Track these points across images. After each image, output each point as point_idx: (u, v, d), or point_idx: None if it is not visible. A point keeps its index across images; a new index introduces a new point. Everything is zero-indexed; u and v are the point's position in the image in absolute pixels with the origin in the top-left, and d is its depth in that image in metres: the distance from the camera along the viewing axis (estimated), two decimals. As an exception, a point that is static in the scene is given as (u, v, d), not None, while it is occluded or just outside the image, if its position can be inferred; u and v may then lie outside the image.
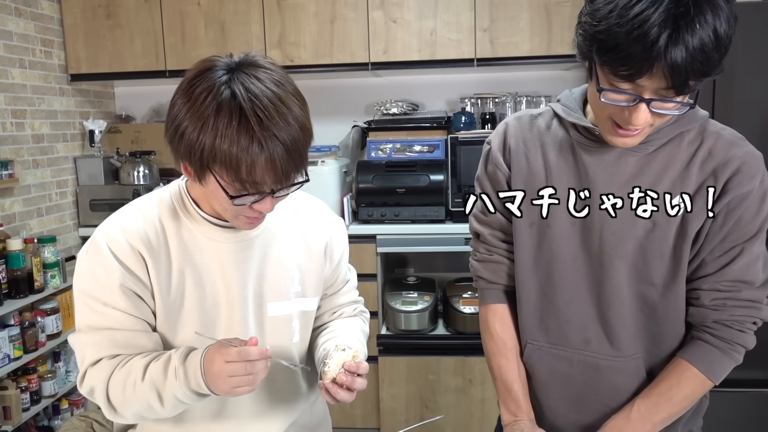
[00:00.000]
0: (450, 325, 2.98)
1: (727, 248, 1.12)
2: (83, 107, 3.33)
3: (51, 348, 2.80)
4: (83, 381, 1.18)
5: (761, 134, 2.43)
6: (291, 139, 1.03)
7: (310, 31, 3.04)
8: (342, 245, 1.39)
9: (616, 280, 1.16)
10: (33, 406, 2.71)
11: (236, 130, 0.99)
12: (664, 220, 1.12)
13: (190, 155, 1.04)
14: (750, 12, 2.46)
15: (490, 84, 3.33)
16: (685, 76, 0.93)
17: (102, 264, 1.14)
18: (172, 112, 1.06)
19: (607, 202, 1.14)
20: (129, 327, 1.16)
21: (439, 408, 2.94)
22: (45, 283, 2.78)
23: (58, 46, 3.16)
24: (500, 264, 1.28)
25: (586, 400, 1.23)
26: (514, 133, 1.25)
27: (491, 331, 1.30)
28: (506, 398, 1.27)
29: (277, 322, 1.27)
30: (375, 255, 2.96)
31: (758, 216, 1.11)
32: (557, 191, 1.18)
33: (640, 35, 0.91)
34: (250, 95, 1.01)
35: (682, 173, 1.12)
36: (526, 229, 1.22)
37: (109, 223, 1.19)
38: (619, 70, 0.96)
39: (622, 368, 1.20)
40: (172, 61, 3.14)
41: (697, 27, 0.91)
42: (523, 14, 2.93)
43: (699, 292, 1.15)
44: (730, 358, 1.15)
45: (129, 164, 3.23)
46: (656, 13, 0.90)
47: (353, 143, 3.34)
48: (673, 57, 0.91)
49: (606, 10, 0.95)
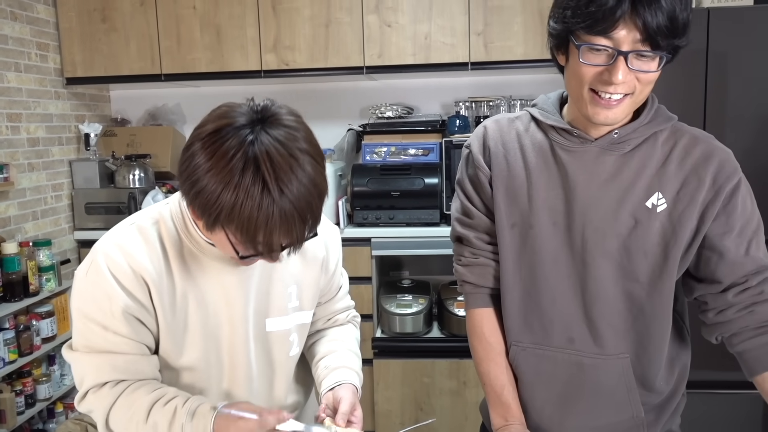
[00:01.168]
0: (444, 328, 2.99)
1: (748, 240, 1.14)
2: (79, 111, 3.33)
3: (46, 351, 2.80)
4: (82, 401, 1.17)
5: (753, 133, 2.46)
6: (310, 208, 1.01)
7: (305, 34, 3.06)
8: (337, 254, 1.39)
9: (600, 278, 1.17)
10: (28, 410, 2.71)
11: (258, 199, 0.95)
12: (646, 217, 1.14)
13: (204, 211, 1.00)
14: (741, 15, 2.48)
15: (484, 87, 3.35)
16: (658, 29, 1.00)
17: (103, 288, 1.12)
18: (192, 163, 0.99)
19: (587, 200, 1.16)
20: (129, 351, 1.14)
21: (434, 411, 2.94)
22: (40, 286, 2.78)
23: (54, 49, 3.17)
24: (486, 267, 1.28)
25: (571, 400, 1.24)
26: (493, 135, 1.26)
27: (479, 336, 1.29)
28: (496, 403, 1.26)
29: (276, 337, 1.27)
30: (370, 258, 2.97)
31: (754, 204, 1.16)
32: (537, 192, 1.20)
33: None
34: (273, 164, 0.96)
35: (659, 171, 1.15)
36: (508, 230, 1.23)
37: (109, 244, 1.15)
38: (595, 27, 1.02)
39: (606, 367, 1.20)
40: (167, 64, 3.15)
41: None
42: (516, 18, 2.95)
43: (759, 286, 1.14)
44: None
45: (124, 168, 3.23)
46: None
47: (348, 146, 3.35)
48: (641, 9, 0.99)
49: None
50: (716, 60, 2.46)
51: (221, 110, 1.02)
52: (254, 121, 1.00)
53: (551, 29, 1.12)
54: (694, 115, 2.46)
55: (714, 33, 2.44)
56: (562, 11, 1.07)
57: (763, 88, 2.47)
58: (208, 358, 1.22)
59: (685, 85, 2.51)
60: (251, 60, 3.10)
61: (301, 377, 1.39)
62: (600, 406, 1.23)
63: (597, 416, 1.23)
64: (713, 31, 2.44)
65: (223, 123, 0.99)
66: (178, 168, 1.04)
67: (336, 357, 1.34)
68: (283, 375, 1.32)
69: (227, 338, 1.22)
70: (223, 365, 1.23)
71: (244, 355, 1.24)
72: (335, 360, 1.33)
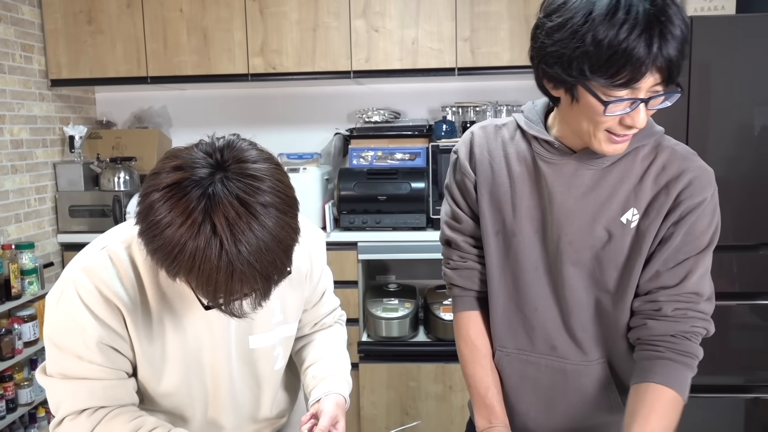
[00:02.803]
0: (431, 332, 2.99)
1: (681, 260, 1.14)
2: (63, 113, 3.31)
3: (28, 355, 2.77)
4: (58, 428, 1.15)
5: (736, 142, 2.49)
6: (274, 266, 0.95)
7: (293, 38, 3.06)
8: (321, 262, 1.37)
9: (574, 287, 1.19)
10: (9, 415, 2.67)
11: (215, 259, 0.90)
12: (620, 232, 1.15)
13: (164, 265, 0.96)
14: (724, 24, 2.52)
15: (470, 93, 3.37)
16: (678, 66, 1.00)
17: (75, 319, 1.08)
18: (149, 218, 0.93)
19: (563, 213, 1.16)
20: (105, 377, 1.11)
21: (420, 415, 2.94)
22: (22, 289, 2.75)
23: (39, 51, 3.14)
24: (473, 270, 1.29)
25: (555, 404, 1.27)
26: (479, 142, 1.27)
27: (465, 338, 1.31)
28: (481, 405, 1.28)
29: (260, 354, 1.26)
30: (356, 262, 2.97)
31: (709, 229, 1.14)
32: (521, 200, 1.21)
33: (634, 43, 0.95)
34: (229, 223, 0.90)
35: (636, 187, 1.15)
36: (492, 237, 1.24)
37: (79, 271, 1.10)
38: (616, 80, 0.98)
39: (588, 372, 1.23)
40: (153, 67, 3.14)
41: (673, 18, 0.97)
42: (503, 24, 2.97)
43: (659, 303, 1.15)
44: (692, 372, 1.15)
45: (109, 170, 3.21)
46: (639, 17, 0.95)
47: (335, 151, 3.35)
48: (667, 52, 0.97)
49: (582, 26, 0.97)
50: (699, 69, 2.49)
51: (179, 158, 0.95)
52: (213, 170, 0.93)
53: (552, 73, 1.05)
54: (677, 124, 2.49)
55: (697, 42, 2.47)
56: (573, 63, 1.00)
57: (746, 96, 2.50)
58: (189, 382, 1.19)
59: (669, 92, 2.53)
60: (238, 63, 3.09)
61: (287, 384, 1.38)
62: (581, 407, 1.26)
63: (578, 416, 1.27)
64: (696, 40, 2.47)
65: (182, 176, 0.92)
66: (136, 216, 0.97)
67: (324, 365, 1.33)
68: (269, 389, 1.31)
69: (209, 360, 1.20)
70: (206, 387, 1.22)
71: (227, 375, 1.22)
72: (323, 369, 1.32)
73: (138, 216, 0.96)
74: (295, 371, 1.41)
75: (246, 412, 1.27)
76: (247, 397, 1.27)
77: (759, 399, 2.62)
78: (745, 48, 2.48)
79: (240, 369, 1.24)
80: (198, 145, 0.97)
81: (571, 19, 0.99)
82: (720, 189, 1.18)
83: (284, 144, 3.38)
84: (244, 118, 3.51)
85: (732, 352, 2.61)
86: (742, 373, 2.60)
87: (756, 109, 2.50)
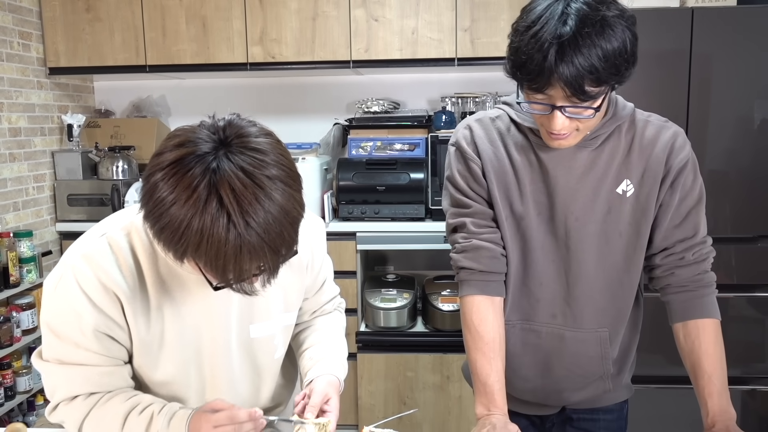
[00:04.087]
0: (429, 323, 3.00)
1: (684, 214, 1.30)
2: (62, 101, 3.30)
3: (26, 343, 2.77)
4: (53, 413, 1.15)
5: (736, 135, 2.49)
6: (281, 238, 0.94)
7: (292, 27, 3.04)
8: (322, 251, 1.36)
9: (582, 261, 1.31)
10: (7, 402, 2.68)
11: (224, 233, 0.89)
12: (618, 203, 1.29)
13: (170, 246, 0.94)
14: (725, 15, 2.51)
15: (470, 83, 3.36)
16: (579, 88, 1.08)
17: (72, 306, 1.07)
18: (154, 197, 0.92)
19: (567, 193, 1.28)
20: (102, 363, 1.11)
21: (417, 405, 2.95)
22: (21, 277, 2.75)
23: (37, 39, 3.13)
24: (479, 249, 1.31)
25: (552, 366, 1.38)
26: (479, 133, 1.34)
27: (468, 325, 1.35)
28: (481, 392, 1.30)
29: (260, 343, 1.26)
30: (355, 252, 2.97)
31: (697, 179, 1.31)
32: (524, 186, 1.30)
33: (534, 54, 1.08)
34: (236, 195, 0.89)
35: (625, 160, 1.28)
36: (505, 220, 1.32)
37: (79, 258, 1.09)
38: (527, 84, 1.13)
39: (585, 339, 1.35)
40: (152, 55, 3.12)
41: (581, 46, 1.06)
42: (503, 15, 2.95)
43: (681, 253, 1.31)
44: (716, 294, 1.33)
45: (108, 159, 3.20)
46: (546, 33, 1.07)
47: (334, 141, 3.34)
48: (562, 72, 1.06)
49: (518, 32, 1.12)
50: (700, 60, 2.49)
51: (181, 136, 0.94)
52: (217, 146, 0.92)
53: (508, 72, 1.18)
54: (677, 116, 2.48)
55: (697, 33, 2.46)
56: (509, 62, 1.15)
57: (747, 88, 2.50)
58: (186, 371, 1.20)
59: (669, 85, 2.53)
60: (237, 52, 3.08)
61: (285, 372, 1.39)
62: (576, 369, 1.38)
63: (573, 377, 1.39)
64: (696, 31, 2.46)
65: (185, 152, 0.91)
66: (140, 198, 0.96)
67: (320, 348, 1.34)
68: (269, 378, 1.31)
69: (208, 350, 1.20)
70: (204, 376, 1.22)
71: (226, 364, 1.22)
72: (319, 351, 1.33)
73: (142, 198, 0.95)
74: (293, 360, 1.41)
75: (245, 401, 1.27)
76: (246, 386, 1.28)
77: (756, 391, 2.63)
78: (745, 40, 2.47)
79: (240, 358, 1.24)
80: (200, 125, 0.97)
81: (521, 22, 1.13)
82: (719, 181, 1.23)
83: (283, 134, 3.31)
84: (243, 108, 3.48)
85: (729, 344, 2.59)
86: (739, 365, 2.60)
87: (756, 102, 2.50)
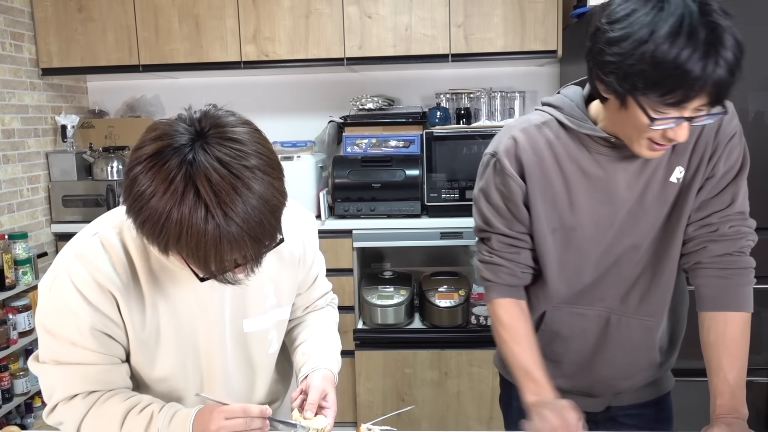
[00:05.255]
0: (426, 319, 3.00)
1: (723, 186, 1.25)
2: (55, 102, 3.28)
3: (23, 345, 2.77)
4: (51, 414, 1.15)
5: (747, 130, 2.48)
6: (262, 227, 0.94)
7: (285, 25, 3.04)
8: (314, 246, 1.37)
9: (634, 261, 1.30)
10: (5, 405, 2.68)
11: (202, 224, 0.90)
12: (672, 191, 1.26)
13: (153, 239, 0.96)
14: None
15: (464, 79, 3.35)
16: (727, 89, 1.04)
17: (68, 305, 1.08)
18: (134, 190, 0.93)
19: (624, 195, 1.25)
20: (99, 362, 1.12)
21: (416, 401, 2.96)
22: (16, 279, 2.74)
23: (29, 39, 3.11)
24: (501, 266, 1.34)
25: (599, 351, 1.37)
26: (524, 147, 1.27)
27: (500, 321, 1.34)
28: (525, 380, 1.29)
29: (254, 337, 1.26)
30: (351, 250, 2.97)
31: (741, 152, 1.26)
32: (577, 196, 1.27)
33: (690, 66, 1.00)
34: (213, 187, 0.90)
35: (676, 147, 1.22)
36: (549, 236, 1.30)
37: (72, 258, 1.10)
38: (667, 99, 1.03)
39: (630, 323, 1.35)
40: (145, 55, 3.11)
41: (726, 42, 1.01)
42: (497, 10, 2.95)
43: (715, 225, 1.26)
44: (752, 285, 1.27)
45: (102, 160, 3.19)
46: (699, 43, 1.00)
47: (329, 138, 3.34)
48: (718, 76, 1.01)
49: (643, 44, 1.02)
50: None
51: (158, 130, 0.95)
52: (194, 137, 0.93)
53: (607, 81, 1.09)
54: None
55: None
56: (624, 74, 1.05)
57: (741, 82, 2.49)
58: (184, 366, 1.20)
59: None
60: (231, 51, 3.07)
61: (280, 368, 1.39)
62: (623, 354, 1.37)
63: (620, 362, 1.38)
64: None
65: (162, 145, 0.92)
66: (122, 193, 0.98)
67: (314, 343, 1.34)
68: (263, 373, 1.31)
69: (203, 344, 1.20)
70: (201, 371, 1.22)
71: (221, 359, 1.22)
72: (312, 346, 1.33)
73: (124, 192, 0.96)
74: (288, 356, 1.41)
75: (240, 396, 1.28)
76: (241, 381, 1.28)
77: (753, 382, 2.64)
78: (757, 32, 2.45)
79: (234, 353, 1.25)
80: (177, 117, 0.98)
81: (633, 34, 1.03)
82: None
83: (278, 132, 3.36)
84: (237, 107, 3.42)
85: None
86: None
87: (750, 95, 2.50)
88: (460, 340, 2.94)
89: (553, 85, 3.32)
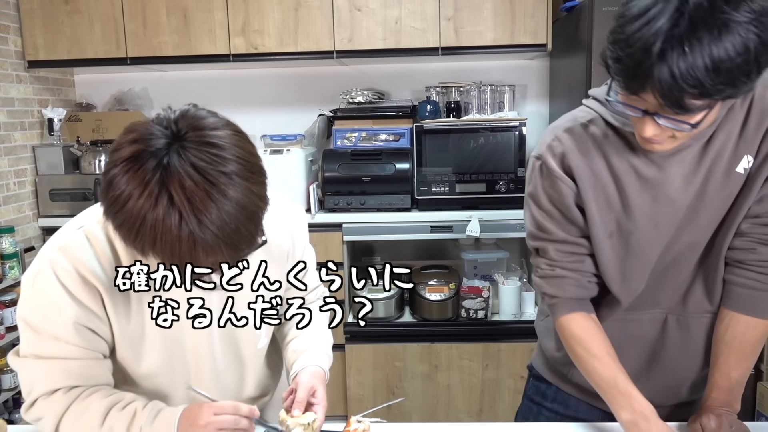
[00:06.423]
0: (416, 313, 3.01)
1: None
2: (42, 95, 3.25)
3: (10, 340, 2.74)
4: (30, 409, 1.13)
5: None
6: (238, 233, 0.93)
7: (275, 18, 3.02)
8: (303, 239, 1.36)
9: (691, 259, 1.23)
10: (-7, 400, 2.66)
11: (176, 231, 0.89)
12: (738, 182, 1.15)
13: (129, 242, 0.95)
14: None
15: (454, 73, 3.35)
16: (676, 101, 0.92)
17: (52, 299, 1.07)
18: (110, 194, 0.93)
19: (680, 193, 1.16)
20: (82, 356, 1.11)
21: (406, 394, 2.97)
22: (3, 274, 2.72)
23: (15, 32, 3.08)
24: (564, 278, 1.26)
25: (658, 357, 1.31)
26: (570, 147, 1.20)
27: (574, 337, 1.26)
28: (614, 395, 1.19)
29: (242, 333, 1.26)
30: (341, 243, 2.97)
31: None
32: (630, 197, 1.18)
33: (634, 50, 0.92)
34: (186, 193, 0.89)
35: (743, 134, 1.13)
36: (606, 241, 1.22)
37: (56, 251, 1.08)
38: (621, 82, 0.97)
39: (689, 324, 1.28)
40: (133, 48, 3.08)
41: (686, 49, 0.88)
42: (486, 4, 2.95)
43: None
44: None
45: (90, 153, 3.17)
46: (651, 30, 0.90)
47: (319, 132, 3.33)
48: (657, 80, 0.91)
49: (618, 24, 0.96)
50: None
51: (135, 132, 0.94)
52: (170, 141, 0.91)
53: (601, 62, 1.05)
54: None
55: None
56: (608, 53, 0.99)
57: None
58: (171, 362, 1.19)
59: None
60: (219, 44, 3.05)
61: (270, 362, 1.39)
62: (684, 363, 1.30)
63: (680, 367, 1.31)
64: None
65: (138, 148, 0.91)
66: (100, 194, 0.97)
67: (304, 339, 1.34)
68: (253, 368, 1.31)
69: (190, 340, 1.19)
70: (188, 368, 1.22)
71: (209, 354, 1.22)
72: (303, 342, 1.33)
73: (101, 194, 0.95)
74: (278, 349, 1.41)
75: (230, 391, 1.27)
76: (231, 376, 1.28)
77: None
78: None
79: (222, 348, 1.24)
80: (155, 118, 0.96)
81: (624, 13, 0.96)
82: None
83: (267, 125, 3.35)
84: (226, 100, 3.47)
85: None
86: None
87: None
88: (450, 333, 2.94)
89: (543, 79, 3.32)
